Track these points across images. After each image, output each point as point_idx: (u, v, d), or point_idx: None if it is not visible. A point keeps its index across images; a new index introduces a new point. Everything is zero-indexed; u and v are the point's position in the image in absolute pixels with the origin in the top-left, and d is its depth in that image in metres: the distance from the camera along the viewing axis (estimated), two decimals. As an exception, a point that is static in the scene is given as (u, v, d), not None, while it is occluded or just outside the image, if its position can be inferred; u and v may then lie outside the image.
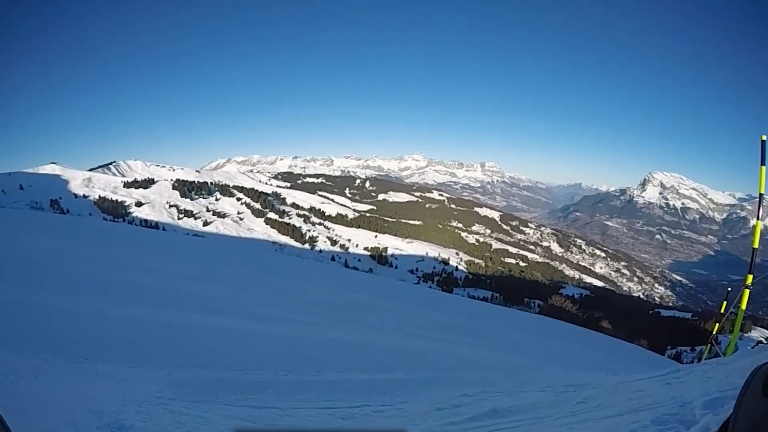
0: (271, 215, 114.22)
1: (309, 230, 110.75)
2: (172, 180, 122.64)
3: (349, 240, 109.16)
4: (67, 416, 2.47)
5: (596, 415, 2.56)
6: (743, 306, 5.34)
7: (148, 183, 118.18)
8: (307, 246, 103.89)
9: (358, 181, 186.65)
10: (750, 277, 5.21)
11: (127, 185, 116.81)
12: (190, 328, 5.76)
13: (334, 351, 5.65)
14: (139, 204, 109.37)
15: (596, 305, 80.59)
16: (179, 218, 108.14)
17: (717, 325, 6.58)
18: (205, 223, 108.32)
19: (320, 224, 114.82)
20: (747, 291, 5.25)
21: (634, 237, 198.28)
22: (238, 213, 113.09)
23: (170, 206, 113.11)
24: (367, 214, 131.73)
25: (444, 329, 11.31)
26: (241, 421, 2.67)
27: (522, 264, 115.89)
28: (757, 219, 5.19)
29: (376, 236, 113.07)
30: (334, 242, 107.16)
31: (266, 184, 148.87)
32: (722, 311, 6.39)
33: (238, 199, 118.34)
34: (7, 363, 3.22)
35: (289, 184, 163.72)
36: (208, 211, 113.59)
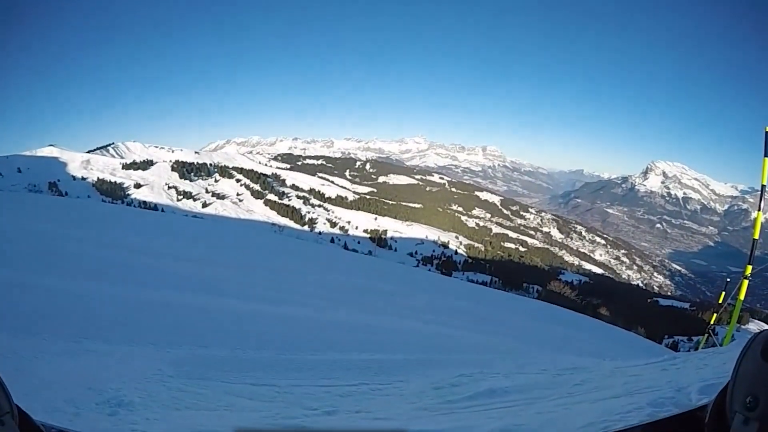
0: (271, 197, 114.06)
1: (308, 212, 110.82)
2: (170, 161, 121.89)
3: (349, 222, 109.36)
4: (66, 394, 2.48)
5: (593, 396, 2.57)
6: (741, 297, 5.35)
7: (146, 165, 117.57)
8: (306, 228, 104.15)
9: (358, 163, 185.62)
10: (749, 268, 5.21)
11: (125, 167, 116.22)
12: (189, 309, 5.79)
13: (333, 332, 5.70)
14: (137, 186, 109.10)
15: (595, 292, 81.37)
16: (178, 200, 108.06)
17: (715, 315, 6.58)
18: (204, 205, 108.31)
19: (320, 206, 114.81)
20: (746, 282, 5.25)
21: (635, 225, 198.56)
22: (238, 194, 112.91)
23: (169, 188, 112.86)
24: (367, 197, 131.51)
25: (442, 312, 11.41)
26: (239, 398, 2.69)
27: (522, 249, 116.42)
28: (759, 210, 5.16)
29: (375, 219, 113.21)
30: (333, 224, 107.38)
31: (266, 165, 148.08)
32: (720, 302, 6.39)
33: (238, 181, 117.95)
34: (5, 343, 3.22)
35: (288, 166, 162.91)
36: (207, 192, 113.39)
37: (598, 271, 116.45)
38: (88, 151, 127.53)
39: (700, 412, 0.76)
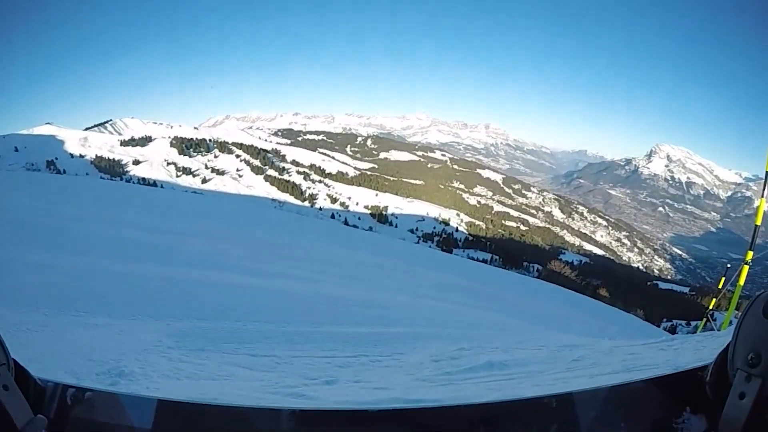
0: (271, 172, 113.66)
1: (309, 187, 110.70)
2: (169, 137, 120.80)
3: (350, 198, 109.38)
4: (66, 365, 2.49)
5: (591, 372, 2.58)
6: (741, 282, 5.33)
7: (145, 141, 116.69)
8: (306, 203, 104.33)
9: (359, 138, 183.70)
10: (750, 254, 5.18)
11: (123, 143, 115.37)
12: (190, 283, 5.81)
13: (333, 306, 5.74)
14: (136, 162, 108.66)
15: (595, 273, 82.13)
16: (177, 176, 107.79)
17: (714, 300, 6.55)
18: (204, 181, 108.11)
19: (320, 182, 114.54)
20: (746, 267, 5.22)
21: (637, 208, 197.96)
22: (237, 170, 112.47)
23: (168, 164, 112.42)
24: (368, 173, 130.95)
25: (442, 288, 11.51)
26: (239, 368, 2.71)
27: (523, 228, 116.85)
28: (762, 197, 5.09)
29: (376, 195, 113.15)
30: (334, 200, 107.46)
31: (266, 141, 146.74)
32: (720, 287, 6.37)
33: (237, 156, 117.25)
34: (6, 318, 3.22)
35: (289, 141, 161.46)
36: (206, 168, 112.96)
37: (599, 252, 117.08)
38: (86, 129, 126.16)
39: (700, 372, 0.76)
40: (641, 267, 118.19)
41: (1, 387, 0.69)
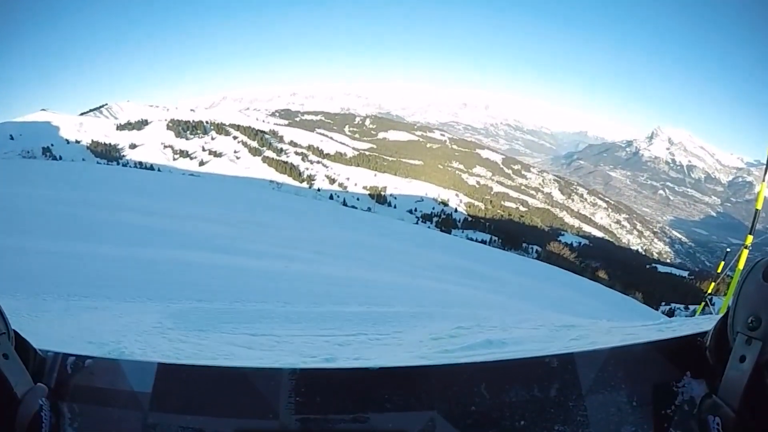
0: (269, 153, 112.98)
1: (307, 168, 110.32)
2: (166, 120, 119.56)
3: (348, 179, 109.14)
4: (66, 348, 2.49)
5: (589, 349, 2.59)
6: (741, 267, 5.30)
7: (141, 124, 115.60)
8: (305, 184, 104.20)
9: (358, 118, 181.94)
10: (750, 238, 5.14)
11: (120, 128, 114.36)
12: (189, 266, 5.82)
13: (332, 286, 5.77)
14: (133, 146, 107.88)
15: (594, 255, 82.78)
16: (174, 159, 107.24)
17: (713, 284, 6.53)
18: (201, 163, 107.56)
19: (318, 162, 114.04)
20: (746, 251, 5.20)
21: (637, 190, 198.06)
22: (235, 152, 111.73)
23: (165, 147, 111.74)
24: (367, 153, 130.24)
25: (441, 269, 11.57)
26: (238, 347, 2.72)
27: (522, 209, 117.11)
28: (763, 182, 5.04)
29: (375, 175, 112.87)
30: (332, 181, 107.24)
31: (263, 122, 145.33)
32: (719, 271, 6.36)
33: (234, 138, 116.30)
34: (4, 304, 3.22)
35: (286, 122, 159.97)
36: (203, 150, 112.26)
37: (599, 234, 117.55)
38: (81, 114, 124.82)
39: (700, 338, 0.77)
40: (640, 250, 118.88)
41: (1, 356, 0.70)
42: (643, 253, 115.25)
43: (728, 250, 6.98)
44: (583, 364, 0.77)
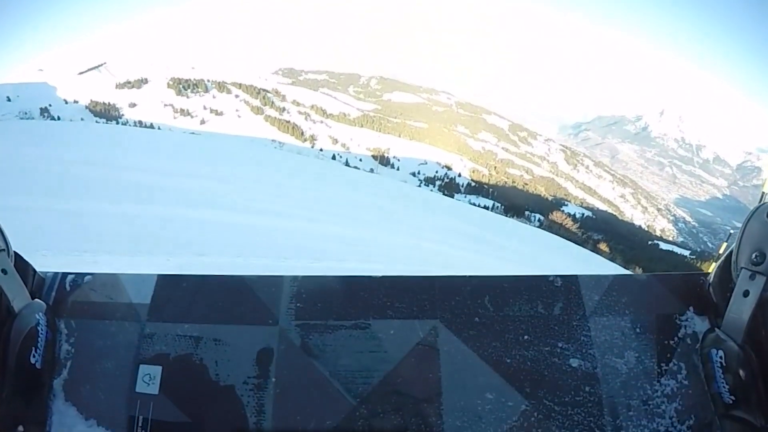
0: (270, 112, 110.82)
1: (309, 128, 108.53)
2: (166, 78, 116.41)
3: (351, 139, 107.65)
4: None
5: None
6: None
7: (140, 83, 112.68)
8: (307, 144, 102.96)
9: (363, 79, 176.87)
10: None
11: (119, 86, 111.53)
12: (189, 222, 5.80)
13: (332, 243, 5.76)
14: (132, 105, 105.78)
15: (597, 227, 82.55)
16: (175, 117, 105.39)
17: (714, 265, 6.53)
18: (202, 122, 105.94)
19: (321, 122, 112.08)
20: None
21: (644, 166, 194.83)
22: (236, 110, 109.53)
23: (165, 105, 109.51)
24: (371, 114, 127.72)
25: (442, 232, 11.57)
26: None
27: (526, 176, 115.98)
28: None
29: (378, 137, 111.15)
30: (335, 141, 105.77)
31: (265, 80, 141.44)
32: (721, 252, 6.29)
33: (236, 96, 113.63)
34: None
35: (290, 81, 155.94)
36: (204, 109, 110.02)
37: (602, 207, 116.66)
38: (80, 73, 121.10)
39: (703, 276, 0.79)
40: (643, 225, 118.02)
41: (0, 271, 0.70)
42: (646, 229, 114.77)
43: (731, 232, 6.88)
44: (587, 286, 0.78)
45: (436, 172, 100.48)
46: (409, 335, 0.74)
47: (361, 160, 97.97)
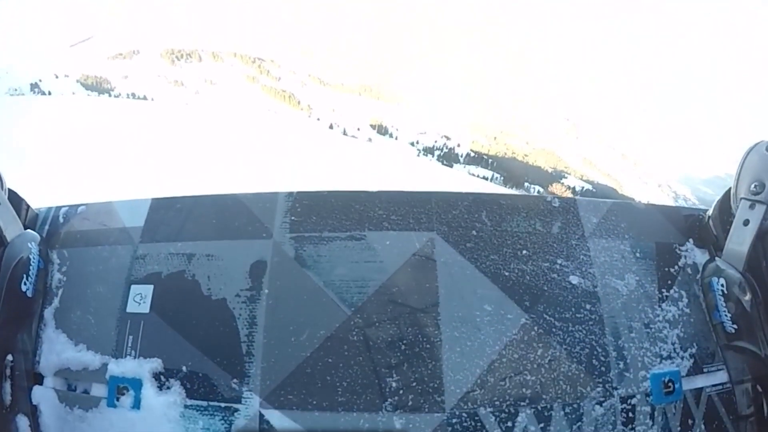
0: (266, 81, 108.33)
1: (306, 97, 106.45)
2: (159, 49, 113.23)
3: (349, 108, 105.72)
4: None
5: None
6: None
7: (132, 54, 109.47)
8: (304, 113, 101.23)
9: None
10: None
11: (110, 58, 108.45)
12: (182, 191, 5.63)
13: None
14: (125, 77, 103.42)
15: None
16: (168, 88, 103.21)
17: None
18: (196, 93, 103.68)
19: (318, 91, 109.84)
20: None
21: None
22: (230, 79, 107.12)
23: (158, 76, 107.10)
24: (371, 85, 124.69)
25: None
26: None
27: (527, 145, 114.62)
28: None
29: (378, 105, 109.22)
30: (332, 109, 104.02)
31: (261, 47, 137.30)
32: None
33: (231, 65, 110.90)
34: None
35: (286, 49, 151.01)
36: (198, 79, 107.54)
37: (602, 180, 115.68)
38: (70, 46, 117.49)
39: (702, 212, 0.79)
40: (643, 201, 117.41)
41: None
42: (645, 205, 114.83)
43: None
44: (585, 209, 0.77)
45: (435, 141, 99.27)
46: (406, 246, 0.74)
47: (359, 129, 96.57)
